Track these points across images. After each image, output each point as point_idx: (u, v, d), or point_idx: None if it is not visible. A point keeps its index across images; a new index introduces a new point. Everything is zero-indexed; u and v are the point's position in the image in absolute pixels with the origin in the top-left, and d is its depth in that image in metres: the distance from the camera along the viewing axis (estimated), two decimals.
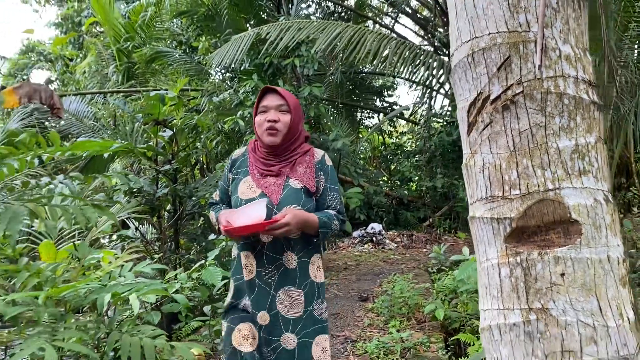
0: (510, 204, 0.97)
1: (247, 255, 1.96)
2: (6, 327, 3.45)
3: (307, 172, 2.00)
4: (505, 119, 0.98)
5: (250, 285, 1.94)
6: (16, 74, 10.95)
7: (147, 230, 5.40)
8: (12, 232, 2.36)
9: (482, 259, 1.03)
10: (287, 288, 1.92)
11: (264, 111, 1.98)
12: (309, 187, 1.97)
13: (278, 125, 1.94)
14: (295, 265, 1.93)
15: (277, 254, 1.92)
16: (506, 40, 0.99)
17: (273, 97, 1.99)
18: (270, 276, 1.92)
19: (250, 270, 1.94)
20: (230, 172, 2.12)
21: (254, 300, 1.93)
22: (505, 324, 0.97)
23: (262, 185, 1.96)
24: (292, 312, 1.92)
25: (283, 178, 1.97)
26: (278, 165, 1.98)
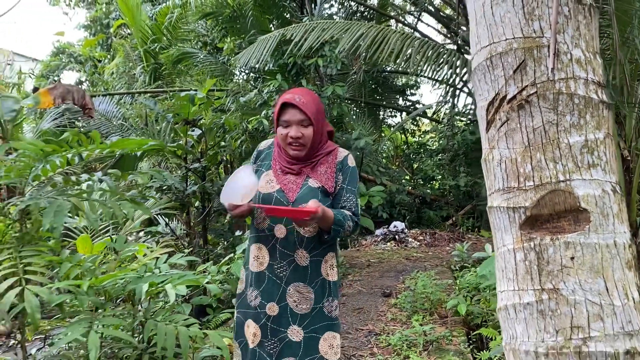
0: (525, 194, 1.07)
1: (260, 248, 1.99)
2: (45, 318, 3.63)
3: (327, 172, 2.00)
4: (520, 117, 1.08)
5: (259, 277, 1.97)
6: (48, 76, 11.29)
7: (177, 226, 5.58)
8: (57, 224, 2.52)
9: (499, 245, 1.13)
10: (297, 284, 1.93)
11: (285, 125, 1.94)
12: (327, 187, 1.97)
13: (302, 141, 1.93)
14: (306, 263, 1.94)
15: (289, 250, 1.93)
16: (521, 45, 1.08)
17: (293, 111, 1.93)
18: (282, 270, 1.94)
19: (261, 263, 1.97)
20: (254, 162, 2.13)
21: (263, 291, 1.95)
22: (520, 303, 1.07)
23: (282, 182, 1.97)
24: (301, 307, 1.93)
25: (303, 177, 1.98)
26: (300, 165, 1.99)
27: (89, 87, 12.08)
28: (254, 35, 8.76)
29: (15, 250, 2.59)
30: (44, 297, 2.42)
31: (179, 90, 9.41)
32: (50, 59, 11.86)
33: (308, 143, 1.95)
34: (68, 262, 2.65)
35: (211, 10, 9.70)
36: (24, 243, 2.68)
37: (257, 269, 1.98)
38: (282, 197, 1.95)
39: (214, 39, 10.39)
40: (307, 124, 1.93)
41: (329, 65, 6.86)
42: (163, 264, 2.88)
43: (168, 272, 2.80)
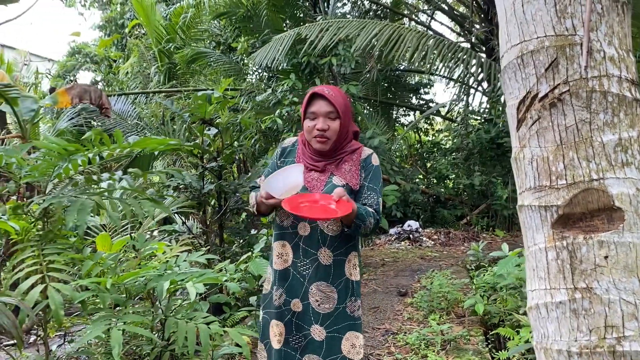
0: (557, 193, 1.06)
1: (284, 245, 1.98)
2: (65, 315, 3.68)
3: (352, 169, 1.98)
4: (552, 115, 1.08)
5: (284, 275, 1.97)
6: (65, 76, 11.41)
7: (193, 225, 5.61)
8: (80, 223, 2.56)
9: (530, 244, 1.13)
10: (319, 283, 1.92)
11: (313, 117, 1.95)
12: (352, 185, 1.96)
13: (328, 134, 1.93)
14: (330, 262, 1.93)
15: (312, 248, 1.93)
16: (553, 43, 1.08)
17: (321, 103, 1.94)
18: (305, 268, 1.93)
19: (285, 260, 1.97)
20: (278, 159, 2.12)
21: (288, 287, 1.96)
22: (552, 302, 1.06)
23: (306, 179, 1.95)
24: (323, 307, 1.92)
25: (327, 174, 1.97)
26: (324, 162, 1.98)
27: (104, 87, 12.20)
28: (268, 35, 8.79)
29: (38, 248, 2.63)
30: (67, 294, 2.45)
31: (194, 90, 9.48)
32: (66, 59, 12.00)
33: (333, 137, 1.94)
34: (90, 260, 2.68)
35: (225, 10, 9.74)
36: (47, 241, 2.72)
37: (281, 267, 1.98)
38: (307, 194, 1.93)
39: (227, 38, 10.43)
40: (335, 117, 1.93)
41: (342, 64, 6.85)
42: (183, 261, 2.90)
43: (188, 270, 2.82)
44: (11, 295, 2.43)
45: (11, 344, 4.07)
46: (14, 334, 2.24)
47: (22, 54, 12.37)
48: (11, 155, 2.84)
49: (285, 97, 6.64)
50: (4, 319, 2.16)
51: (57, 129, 7.76)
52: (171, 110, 6.06)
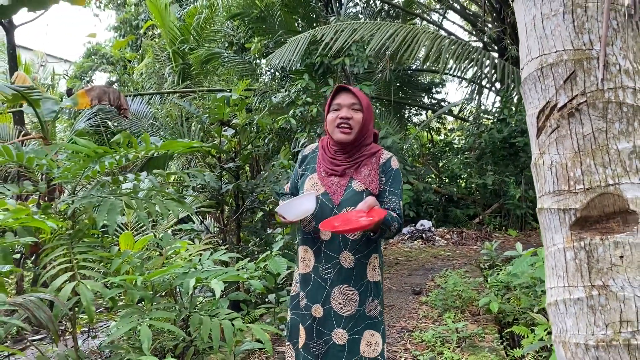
0: (575, 197, 1.14)
1: (306, 250, 2.02)
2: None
3: (371, 174, 1.99)
4: (570, 124, 1.15)
5: (305, 279, 2.01)
6: (82, 77, 11.59)
7: (210, 224, 5.72)
8: (111, 222, 2.66)
9: (549, 244, 1.21)
10: (341, 286, 1.94)
11: (336, 109, 1.99)
12: (372, 190, 1.96)
13: (351, 122, 1.95)
14: (351, 265, 1.94)
15: (334, 252, 1.94)
16: (571, 57, 1.15)
17: (346, 95, 2.00)
18: (327, 272, 1.95)
19: (307, 265, 2.00)
20: (299, 167, 2.16)
21: (309, 292, 1.99)
22: (570, 299, 1.14)
23: (326, 185, 1.98)
24: (346, 309, 1.93)
25: (347, 179, 1.98)
26: (343, 166, 1.99)
27: (120, 88, 12.37)
28: (282, 36, 8.88)
29: (68, 247, 2.74)
30: (98, 290, 2.56)
31: (208, 90, 9.60)
32: (83, 60, 12.17)
33: (356, 127, 1.97)
34: (118, 258, 2.79)
35: (239, 11, 9.83)
36: (77, 240, 2.83)
37: (303, 271, 2.02)
38: (327, 200, 1.96)
39: (240, 38, 10.52)
40: (358, 108, 1.98)
41: (355, 64, 6.92)
42: (207, 260, 3.00)
43: (212, 268, 2.91)
44: (45, 292, 2.54)
45: (38, 338, 4.21)
46: (50, 328, 2.34)
47: (38, 55, 12.59)
48: (41, 157, 2.96)
49: (299, 97, 6.72)
50: (41, 314, 2.27)
51: (76, 129, 7.91)
52: (188, 111, 6.18)
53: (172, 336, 3.11)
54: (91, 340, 3.81)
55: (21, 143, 6.17)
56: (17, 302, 2.23)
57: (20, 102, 4.39)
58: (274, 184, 4.72)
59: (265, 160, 9.39)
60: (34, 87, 4.59)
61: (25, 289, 4.55)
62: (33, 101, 4.32)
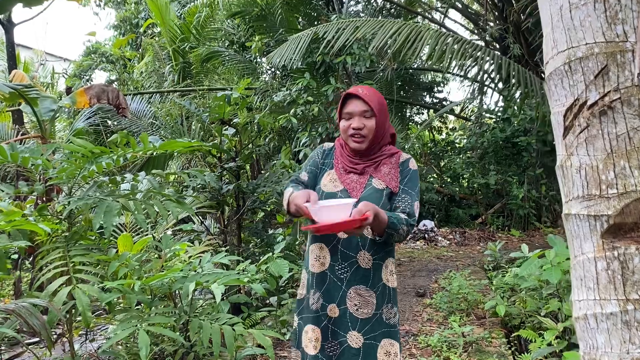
0: (607, 202, 1.05)
1: (322, 248, 1.94)
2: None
3: (391, 172, 1.95)
4: (602, 123, 1.06)
5: (321, 278, 1.92)
6: (81, 75, 11.50)
7: (210, 224, 5.64)
8: (108, 224, 2.58)
9: (577, 253, 1.12)
10: (358, 287, 1.88)
11: (348, 118, 1.94)
12: (392, 188, 1.92)
13: (363, 132, 1.91)
14: (369, 265, 1.89)
15: (351, 251, 1.88)
16: (603, 50, 1.06)
17: (356, 102, 1.93)
18: (343, 272, 1.89)
19: (323, 263, 1.92)
20: (320, 159, 2.10)
21: (325, 291, 1.91)
22: (602, 313, 1.05)
23: (345, 181, 1.95)
24: (362, 311, 1.87)
25: (366, 177, 1.95)
26: (363, 165, 1.96)
27: (120, 86, 12.28)
28: (282, 34, 8.79)
29: (64, 250, 2.65)
30: (95, 295, 2.47)
31: (208, 89, 9.52)
32: (82, 58, 12.08)
33: (370, 135, 1.92)
34: (115, 261, 2.70)
35: (239, 9, 9.74)
36: (73, 242, 2.75)
37: (318, 270, 1.94)
38: (346, 197, 1.91)
39: (241, 37, 10.43)
40: (370, 115, 1.92)
41: (357, 63, 6.83)
42: (207, 262, 2.91)
43: (212, 271, 2.83)
44: (40, 297, 2.46)
45: (34, 342, 4.12)
46: (43, 335, 2.26)
47: (37, 54, 12.50)
48: (37, 157, 2.87)
49: (300, 96, 6.63)
50: (34, 321, 2.19)
51: (75, 128, 7.83)
52: (188, 110, 6.09)
53: (172, 341, 3.03)
54: (89, 343, 3.73)
55: (20, 142, 6.09)
56: (10, 308, 2.15)
57: (18, 100, 4.30)
58: (275, 184, 4.63)
59: (266, 160, 9.30)
60: (31, 85, 4.50)
61: (24, 291, 4.47)
62: (31, 100, 4.23)
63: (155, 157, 8.21)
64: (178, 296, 3.13)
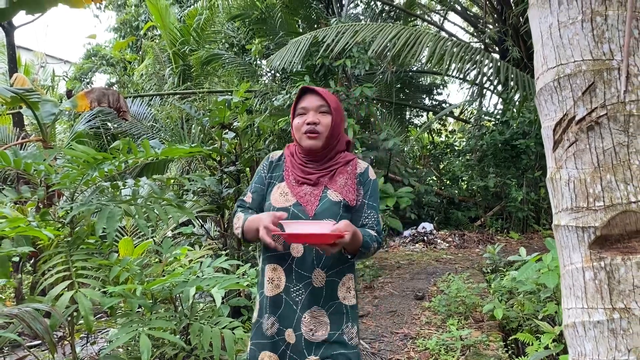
0: (594, 215, 1.09)
1: (275, 269, 1.77)
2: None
3: (347, 183, 1.81)
4: (590, 138, 1.10)
5: (275, 302, 1.77)
6: (81, 78, 11.54)
7: (210, 227, 5.67)
8: (110, 229, 2.61)
9: (567, 263, 1.15)
10: (312, 309, 1.74)
11: (302, 113, 1.81)
12: (349, 201, 1.78)
13: (318, 128, 1.78)
14: (322, 284, 1.74)
15: (305, 271, 1.73)
16: (591, 67, 1.10)
17: (312, 97, 1.82)
18: (298, 294, 1.74)
19: (277, 285, 1.77)
20: (266, 173, 1.93)
21: (281, 316, 1.76)
22: (590, 321, 1.09)
23: (298, 194, 1.78)
24: (317, 335, 1.73)
25: (321, 188, 1.79)
26: (317, 174, 1.81)
27: (120, 89, 12.33)
28: (282, 37, 8.84)
29: (66, 254, 2.69)
30: (97, 299, 2.51)
31: (208, 92, 9.56)
32: (83, 61, 12.13)
33: (325, 132, 1.79)
34: (117, 266, 2.74)
35: (239, 12, 9.79)
36: (75, 247, 2.78)
37: (272, 293, 1.78)
38: (300, 212, 1.75)
39: (240, 40, 10.48)
40: (326, 111, 1.81)
41: (356, 66, 6.87)
42: (207, 267, 2.95)
43: (212, 275, 2.86)
44: (42, 301, 2.50)
45: (35, 344, 4.15)
46: (46, 339, 2.29)
47: (38, 56, 12.54)
48: (39, 162, 2.91)
49: None
50: (37, 325, 2.22)
51: (75, 131, 7.86)
52: (188, 113, 6.13)
53: (173, 345, 3.06)
54: (90, 346, 3.76)
55: (21, 145, 6.12)
56: (13, 313, 2.18)
57: (19, 104, 4.34)
58: None
59: None
60: (33, 89, 4.54)
61: (25, 294, 4.51)
62: (32, 104, 4.27)
63: (155, 161, 8.24)
64: (179, 300, 3.16)
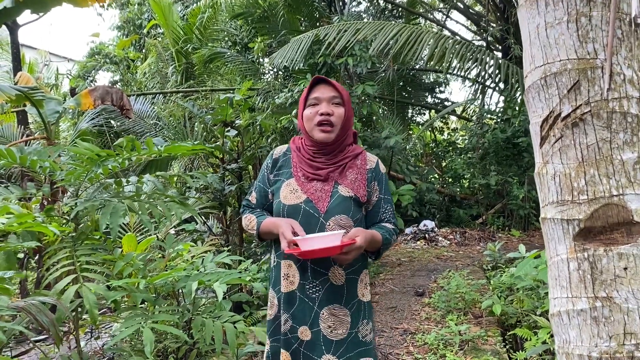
0: (578, 207, 1.13)
1: (290, 265, 1.75)
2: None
3: (358, 178, 1.78)
4: (574, 134, 1.14)
5: (290, 298, 1.75)
6: (85, 76, 11.61)
7: (213, 224, 5.73)
8: (114, 225, 2.67)
9: (553, 254, 1.20)
10: (332, 306, 1.72)
11: (314, 104, 1.76)
12: (360, 197, 1.76)
13: (333, 119, 1.73)
14: (342, 281, 1.74)
15: (323, 268, 1.72)
16: (575, 66, 1.15)
17: (325, 88, 1.77)
18: (315, 291, 1.72)
19: (292, 282, 1.75)
20: (271, 173, 1.88)
21: (294, 313, 1.74)
22: (574, 309, 1.13)
23: (308, 191, 1.75)
24: (336, 333, 1.72)
25: (331, 184, 1.76)
26: (326, 169, 1.77)
27: (123, 87, 12.39)
28: (285, 35, 8.88)
29: (71, 249, 2.74)
30: (101, 293, 2.56)
31: (211, 90, 9.61)
32: (86, 59, 12.20)
33: (338, 124, 1.75)
34: (121, 261, 2.79)
35: (242, 10, 9.83)
36: (80, 242, 2.84)
37: (287, 289, 1.76)
38: (311, 209, 1.73)
39: (243, 38, 10.52)
40: (339, 102, 1.77)
41: (358, 64, 6.91)
42: (209, 262, 3.00)
43: (214, 270, 2.92)
44: (48, 295, 2.55)
45: (41, 339, 4.22)
46: (52, 332, 2.35)
47: (42, 54, 12.62)
48: (44, 159, 2.97)
49: None
50: (43, 318, 2.28)
51: (79, 129, 7.93)
52: (191, 111, 6.19)
53: (175, 338, 3.12)
54: (94, 340, 3.82)
55: (25, 143, 6.18)
56: (20, 305, 2.23)
57: (23, 102, 4.40)
58: None
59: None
60: (37, 87, 4.60)
61: (29, 290, 4.57)
62: (36, 102, 4.33)
63: (159, 159, 8.28)
64: (181, 295, 3.22)
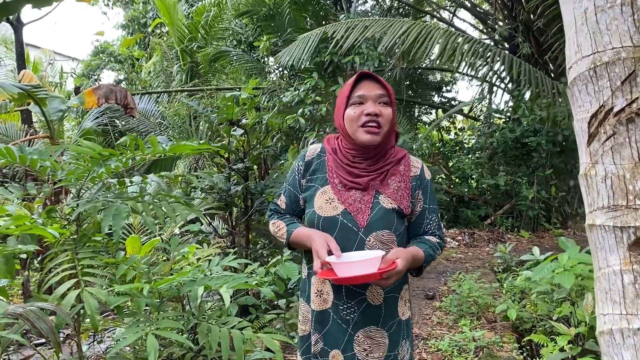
0: (635, 213, 1.01)
1: (323, 281, 1.61)
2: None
3: (401, 187, 1.60)
4: (629, 130, 1.02)
5: (322, 318, 1.61)
6: (89, 75, 11.53)
7: (218, 225, 5.62)
8: (117, 227, 2.55)
9: (602, 265, 1.08)
10: (367, 328, 1.57)
11: (359, 102, 1.56)
12: (404, 209, 1.59)
13: (381, 121, 1.54)
14: (381, 301, 1.58)
15: (360, 287, 1.56)
16: (631, 54, 1.02)
17: (371, 85, 1.57)
18: (349, 312, 1.57)
19: (325, 300, 1.61)
20: (303, 177, 1.70)
21: (326, 334, 1.61)
22: (629, 328, 1.01)
23: (346, 201, 1.57)
24: (372, 356, 1.57)
25: (372, 194, 1.58)
26: (366, 177, 1.58)
27: (127, 86, 12.31)
28: (290, 34, 8.77)
29: (72, 252, 2.64)
30: (103, 299, 2.45)
31: (216, 89, 9.51)
32: (91, 58, 12.13)
33: (386, 126, 1.56)
34: (124, 264, 2.69)
35: (247, 9, 9.73)
36: (81, 245, 2.73)
37: (319, 307, 1.62)
38: (350, 222, 1.56)
39: (248, 37, 10.43)
40: (387, 102, 1.57)
41: (365, 62, 6.79)
42: (216, 266, 2.89)
43: (220, 274, 2.81)
44: (47, 300, 2.45)
45: (42, 343, 4.12)
46: (51, 339, 2.24)
47: (46, 53, 12.54)
48: (45, 158, 2.86)
49: (308, 96, 6.60)
50: (42, 325, 2.17)
51: (83, 128, 7.84)
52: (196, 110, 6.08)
53: (180, 345, 3.01)
54: (97, 345, 3.72)
55: (29, 142, 6.08)
56: (17, 312, 2.13)
57: (26, 101, 4.31)
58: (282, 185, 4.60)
59: (274, 161, 9.30)
60: (40, 85, 4.50)
61: (32, 291, 4.47)
62: (39, 100, 4.23)
63: (163, 158, 8.21)
64: (186, 299, 3.11)
